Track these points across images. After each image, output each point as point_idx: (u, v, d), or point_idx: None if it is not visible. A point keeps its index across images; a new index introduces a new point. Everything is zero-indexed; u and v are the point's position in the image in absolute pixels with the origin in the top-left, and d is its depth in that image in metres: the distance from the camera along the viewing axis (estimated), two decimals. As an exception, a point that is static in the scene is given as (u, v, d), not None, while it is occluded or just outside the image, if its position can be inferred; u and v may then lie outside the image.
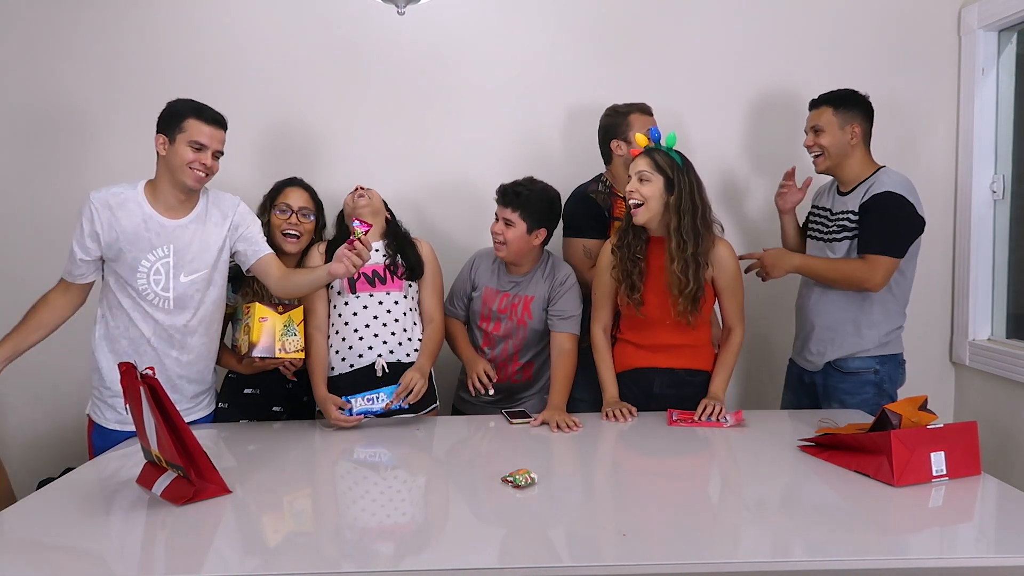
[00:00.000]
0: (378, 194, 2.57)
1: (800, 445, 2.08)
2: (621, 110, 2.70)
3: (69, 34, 2.95)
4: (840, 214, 2.51)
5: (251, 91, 2.98)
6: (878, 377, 2.49)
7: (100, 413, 2.28)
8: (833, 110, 2.49)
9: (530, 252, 2.52)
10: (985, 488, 1.84)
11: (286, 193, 2.54)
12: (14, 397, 3.04)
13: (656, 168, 2.29)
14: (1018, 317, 3.04)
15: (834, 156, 2.50)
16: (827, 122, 2.50)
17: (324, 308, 2.46)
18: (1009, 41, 2.99)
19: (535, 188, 2.50)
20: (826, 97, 2.53)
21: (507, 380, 2.56)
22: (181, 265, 2.24)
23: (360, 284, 2.43)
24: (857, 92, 2.54)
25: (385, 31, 2.96)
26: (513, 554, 1.54)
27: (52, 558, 1.53)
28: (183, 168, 2.19)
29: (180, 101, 2.24)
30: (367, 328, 2.42)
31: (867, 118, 2.52)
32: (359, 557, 1.55)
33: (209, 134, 2.21)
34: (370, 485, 2.01)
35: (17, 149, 2.97)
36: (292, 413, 2.56)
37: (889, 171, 2.49)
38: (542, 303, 2.52)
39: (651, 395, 2.44)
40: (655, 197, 2.29)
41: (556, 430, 2.27)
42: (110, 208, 2.19)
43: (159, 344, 2.25)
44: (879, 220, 2.39)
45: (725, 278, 2.36)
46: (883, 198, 2.39)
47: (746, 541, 1.63)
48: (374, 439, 2.32)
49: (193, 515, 1.68)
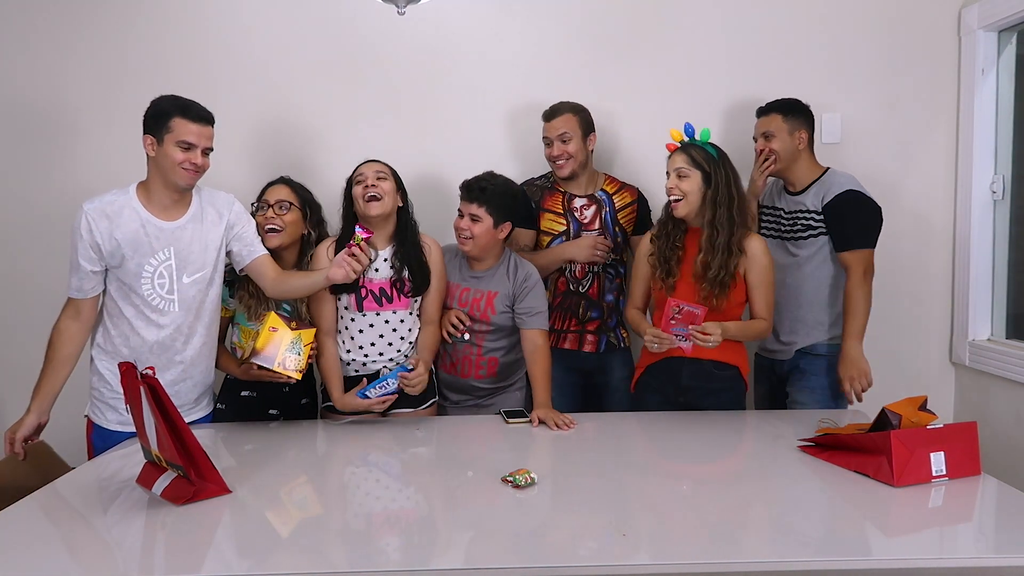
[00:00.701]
0: (390, 182, 2.44)
1: (800, 445, 2.08)
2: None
3: (65, 30, 2.94)
4: (797, 213, 2.66)
5: (251, 90, 2.99)
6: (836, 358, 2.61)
7: (100, 414, 2.28)
8: (782, 117, 2.66)
9: (495, 246, 2.54)
10: (985, 488, 1.84)
11: (268, 191, 2.53)
12: (14, 397, 3.03)
13: (693, 164, 2.36)
14: (1018, 317, 3.04)
15: (784, 159, 2.66)
16: (777, 128, 2.66)
17: (332, 314, 2.46)
18: (1009, 41, 2.98)
19: (498, 182, 2.52)
20: (774, 105, 2.70)
21: (470, 376, 2.57)
22: (183, 267, 2.24)
23: (367, 303, 2.44)
24: (800, 101, 2.71)
25: (385, 31, 2.97)
26: (513, 554, 1.54)
27: (52, 558, 1.53)
28: (174, 169, 2.17)
29: (164, 99, 2.20)
30: (372, 346, 2.46)
31: (811, 125, 2.70)
32: (359, 557, 1.55)
33: (197, 132, 2.18)
34: (370, 485, 2.01)
35: (10, 146, 2.98)
36: (288, 416, 2.56)
37: (836, 171, 2.66)
38: (505, 299, 2.53)
39: (679, 386, 2.45)
40: (694, 192, 2.36)
41: (555, 428, 2.30)
42: (107, 217, 2.17)
43: (161, 351, 2.24)
44: (853, 218, 2.57)
45: (757, 271, 2.39)
46: (847, 198, 2.56)
47: (746, 541, 1.63)
48: (374, 439, 2.32)
49: (193, 515, 1.68)
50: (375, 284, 2.44)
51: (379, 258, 2.44)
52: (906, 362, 3.09)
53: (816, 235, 2.62)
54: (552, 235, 2.79)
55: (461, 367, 2.57)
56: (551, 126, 2.75)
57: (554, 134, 2.74)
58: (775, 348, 2.71)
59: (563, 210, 2.80)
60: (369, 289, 2.43)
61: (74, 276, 2.21)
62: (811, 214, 2.63)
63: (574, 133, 2.73)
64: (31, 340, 2.95)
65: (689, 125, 2.42)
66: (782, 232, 2.72)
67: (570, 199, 2.81)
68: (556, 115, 2.75)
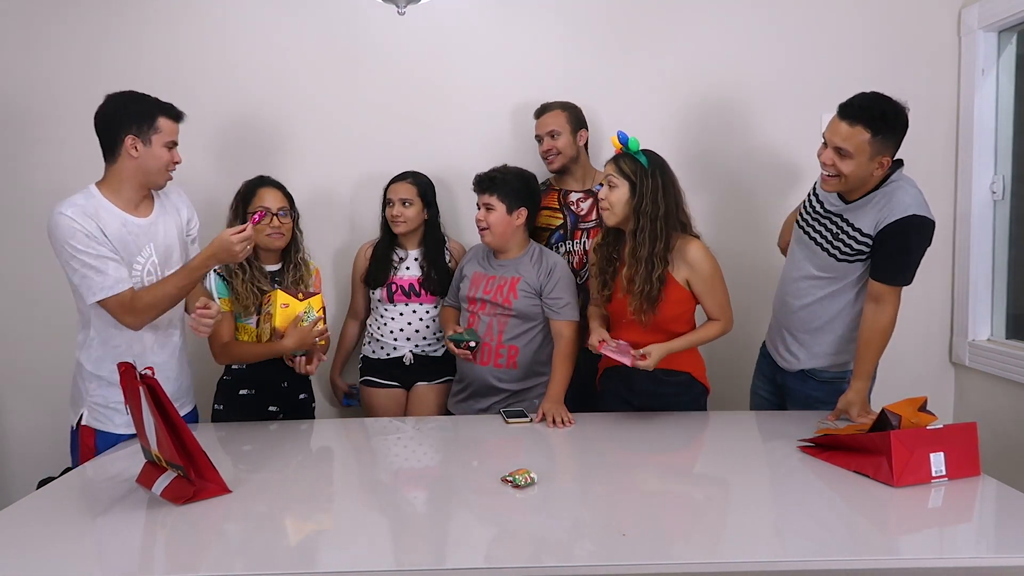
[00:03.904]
0: (415, 208, 2.75)
1: (800, 445, 2.08)
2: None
3: (56, 26, 2.94)
4: (839, 219, 2.27)
5: (251, 90, 2.99)
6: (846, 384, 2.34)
7: (107, 420, 2.20)
8: (871, 136, 2.09)
9: (514, 234, 2.57)
10: (984, 489, 1.84)
11: (260, 195, 2.52)
12: (14, 397, 3.04)
13: (620, 174, 2.33)
14: (1018, 317, 3.04)
15: (851, 183, 2.17)
16: (858, 147, 2.10)
17: (360, 302, 2.93)
18: (1009, 41, 2.98)
19: (509, 171, 2.59)
20: (866, 114, 2.09)
21: (489, 364, 2.56)
22: (165, 262, 2.21)
23: (397, 296, 2.78)
24: (900, 109, 2.13)
25: (385, 31, 2.97)
26: (513, 554, 1.54)
27: (52, 558, 1.53)
28: (161, 170, 2.14)
29: (143, 99, 2.13)
30: (401, 332, 2.79)
31: (899, 143, 2.15)
32: (358, 557, 1.54)
33: (178, 130, 2.17)
34: (370, 485, 2.01)
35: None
36: (288, 412, 2.57)
37: (904, 180, 2.21)
38: (528, 287, 2.54)
39: (633, 390, 2.44)
40: (619, 202, 2.32)
41: (552, 425, 2.31)
42: (90, 217, 2.06)
43: (159, 352, 2.23)
44: (902, 249, 2.16)
45: (699, 278, 2.34)
46: (910, 224, 2.12)
47: (746, 541, 1.63)
48: (373, 439, 2.32)
49: (193, 515, 1.68)
50: (404, 280, 2.78)
51: (409, 257, 2.81)
52: (906, 362, 3.09)
53: (864, 259, 2.23)
54: (550, 229, 2.83)
55: (482, 354, 2.56)
56: (541, 123, 2.84)
57: (544, 131, 2.82)
58: (778, 353, 2.50)
59: (559, 205, 2.84)
60: (399, 285, 2.77)
61: (104, 272, 2.04)
62: (861, 236, 2.20)
63: (563, 129, 2.79)
64: (31, 340, 2.98)
65: (622, 133, 2.34)
66: (819, 237, 2.32)
67: (565, 194, 2.86)
68: (545, 112, 2.84)
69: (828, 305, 2.35)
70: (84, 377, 2.20)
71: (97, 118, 2.13)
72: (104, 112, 2.12)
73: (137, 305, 2.09)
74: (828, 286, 2.34)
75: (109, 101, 2.13)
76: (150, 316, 2.13)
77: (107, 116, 2.12)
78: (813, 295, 2.37)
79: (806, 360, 2.42)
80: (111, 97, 2.13)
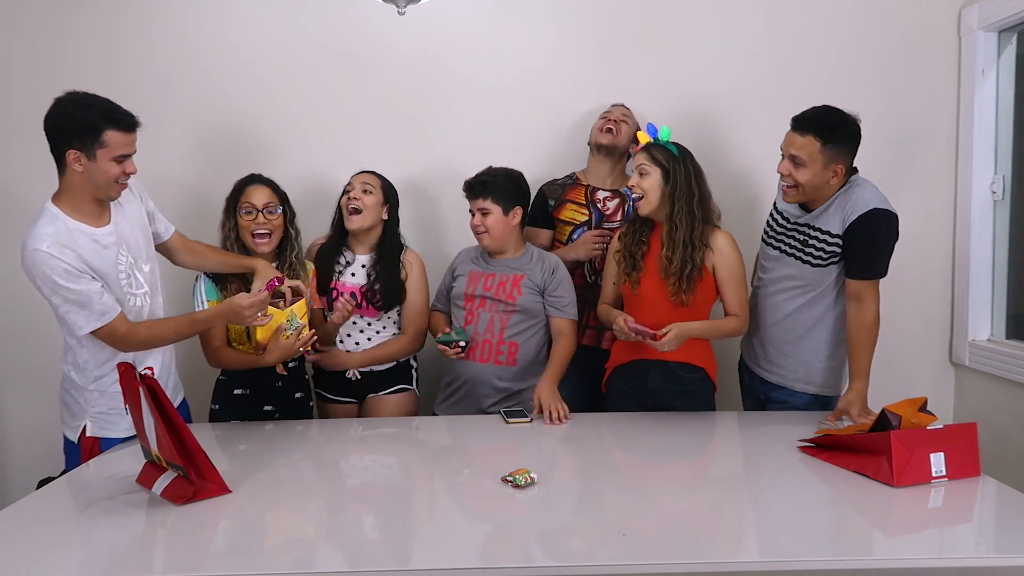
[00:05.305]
0: (376, 196, 2.59)
1: (800, 445, 2.08)
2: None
3: (62, 31, 2.93)
4: (806, 228, 2.33)
5: (250, 89, 2.98)
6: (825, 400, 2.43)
7: (112, 425, 2.17)
8: (821, 145, 2.21)
9: (512, 235, 2.59)
10: (984, 489, 1.84)
11: (248, 192, 2.49)
12: (14, 397, 3.04)
13: (653, 161, 2.39)
14: (1018, 317, 3.04)
15: (808, 192, 2.28)
16: (811, 156, 2.22)
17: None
18: (1009, 42, 2.98)
19: (497, 172, 2.59)
20: (816, 125, 2.23)
21: (490, 361, 2.56)
22: (139, 258, 2.17)
23: (337, 304, 2.55)
24: (850, 120, 2.27)
25: (385, 31, 2.96)
26: (512, 554, 1.54)
27: (52, 558, 1.53)
28: (109, 185, 2.00)
29: (88, 108, 1.95)
30: (341, 344, 2.63)
31: (853, 152, 2.28)
32: (358, 557, 1.55)
33: (129, 142, 1.99)
34: (369, 485, 2.01)
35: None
36: (284, 411, 2.56)
37: (861, 180, 2.30)
38: (533, 284, 2.56)
39: (646, 390, 2.45)
40: (653, 189, 2.39)
41: (549, 422, 2.32)
42: (65, 246, 1.96)
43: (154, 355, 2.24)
44: (870, 242, 2.25)
45: (725, 268, 2.39)
46: (874, 217, 2.22)
47: (746, 541, 1.63)
48: (372, 439, 2.32)
49: (193, 515, 1.68)
50: (347, 288, 2.58)
51: (357, 262, 2.61)
52: (906, 362, 3.09)
53: (836, 261, 2.30)
54: (574, 224, 2.83)
55: (481, 351, 2.55)
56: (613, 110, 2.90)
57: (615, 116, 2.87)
58: (758, 365, 2.52)
59: (585, 201, 2.84)
60: (340, 292, 2.57)
61: (89, 307, 1.98)
62: (830, 237, 2.28)
63: (630, 122, 2.87)
64: (31, 340, 2.98)
65: (651, 125, 2.48)
66: (784, 246, 2.41)
67: (592, 191, 2.86)
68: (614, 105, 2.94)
69: (808, 312, 2.40)
70: (79, 390, 2.16)
71: (44, 125, 1.98)
72: (48, 121, 1.97)
73: (131, 340, 2.09)
74: (805, 293, 2.39)
75: (54, 108, 1.96)
76: (141, 349, 2.15)
77: (51, 126, 1.97)
78: (794, 304, 2.41)
79: (793, 369, 2.43)
80: (57, 102, 1.96)
